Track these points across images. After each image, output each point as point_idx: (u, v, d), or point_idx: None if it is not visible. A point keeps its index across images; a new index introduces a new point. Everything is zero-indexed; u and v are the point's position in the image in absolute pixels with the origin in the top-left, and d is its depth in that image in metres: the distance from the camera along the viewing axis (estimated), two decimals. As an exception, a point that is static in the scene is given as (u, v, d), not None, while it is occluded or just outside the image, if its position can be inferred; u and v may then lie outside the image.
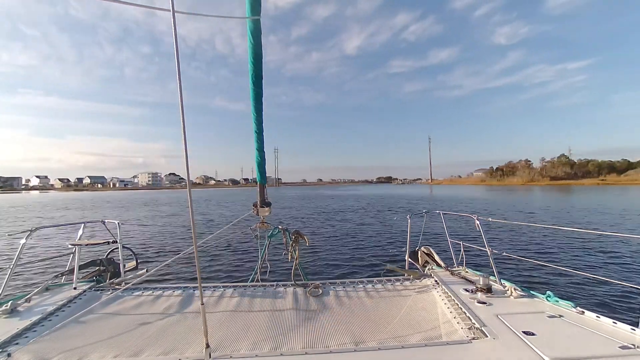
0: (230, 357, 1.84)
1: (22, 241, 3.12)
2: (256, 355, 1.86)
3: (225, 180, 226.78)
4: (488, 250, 3.13)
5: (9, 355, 1.85)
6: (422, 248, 4.15)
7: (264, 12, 2.62)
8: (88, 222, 4.07)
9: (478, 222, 3.37)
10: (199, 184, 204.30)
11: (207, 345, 1.71)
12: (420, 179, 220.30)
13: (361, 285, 3.03)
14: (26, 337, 2.11)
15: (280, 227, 3.41)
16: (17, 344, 2.01)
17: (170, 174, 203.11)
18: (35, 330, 2.20)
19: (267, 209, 3.51)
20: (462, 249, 3.72)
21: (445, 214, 4.17)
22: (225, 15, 2.24)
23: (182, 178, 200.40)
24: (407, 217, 4.50)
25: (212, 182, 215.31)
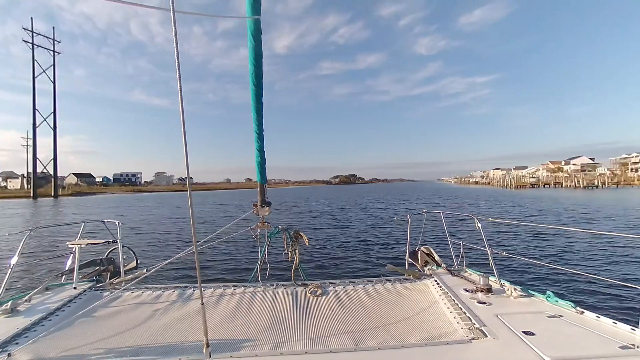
0: (230, 357, 1.84)
1: (22, 241, 3.12)
2: (256, 355, 1.86)
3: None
4: (488, 250, 3.13)
5: (9, 354, 1.85)
6: (422, 248, 4.14)
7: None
8: (88, 222, 4.07)
9: (478, 222, 3.37)
10: None
11: (207, 345, 1.71)
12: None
13: (361, 285, 3.03)
14: (26, 336, 2.11)
15: (280, 227, 3.41)
16: (17, 343, 2.01)
17: None
18: (35, 330, 2.20)
19: (267, 208, 3.51)
20: (462, 249, 3.72)
21: (445, 214, 4.17)
22: (225, 15, 2.24)
23: None
24: (407, 216, 4.50)
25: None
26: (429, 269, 3.56)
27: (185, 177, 1.50)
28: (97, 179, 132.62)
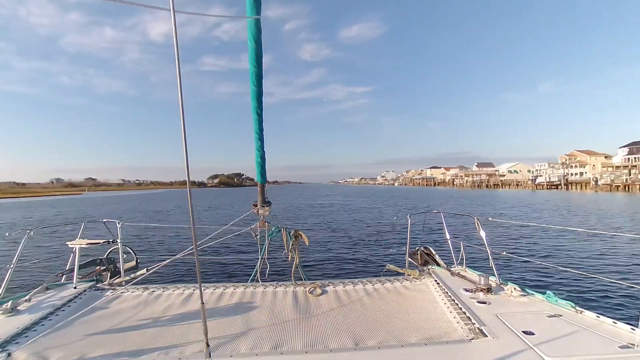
0: (230, 356, 1.85)
1: (22, 241, 3.13)
2: (256, 355, 1.86)
3: None
4: (488, 250, 3.13)
5: (9, 354, 1.85)
6: (422, 248, 4.14)
7: None
8: (88, 222, 4.08)
9: (478, 222, 3.37)
10: None
11: (207, 345, 1.72)
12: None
13: (361, 285, 3.02)
14: (26, 336, 2.11)
15: (280, 226, 3.41)
16: (17, 343, 2.01)
17: None
18: (35, 330, 2.20)
19: (267, 208, 3.51)
20: (462, 249, 3.72)
21: (445, 214, 4.17)
22: (225, 15, 2.24)
23: None
24: (407, 216, 4.50)
25: None
26: (429, 269, 3.56)
27: None
28: None
